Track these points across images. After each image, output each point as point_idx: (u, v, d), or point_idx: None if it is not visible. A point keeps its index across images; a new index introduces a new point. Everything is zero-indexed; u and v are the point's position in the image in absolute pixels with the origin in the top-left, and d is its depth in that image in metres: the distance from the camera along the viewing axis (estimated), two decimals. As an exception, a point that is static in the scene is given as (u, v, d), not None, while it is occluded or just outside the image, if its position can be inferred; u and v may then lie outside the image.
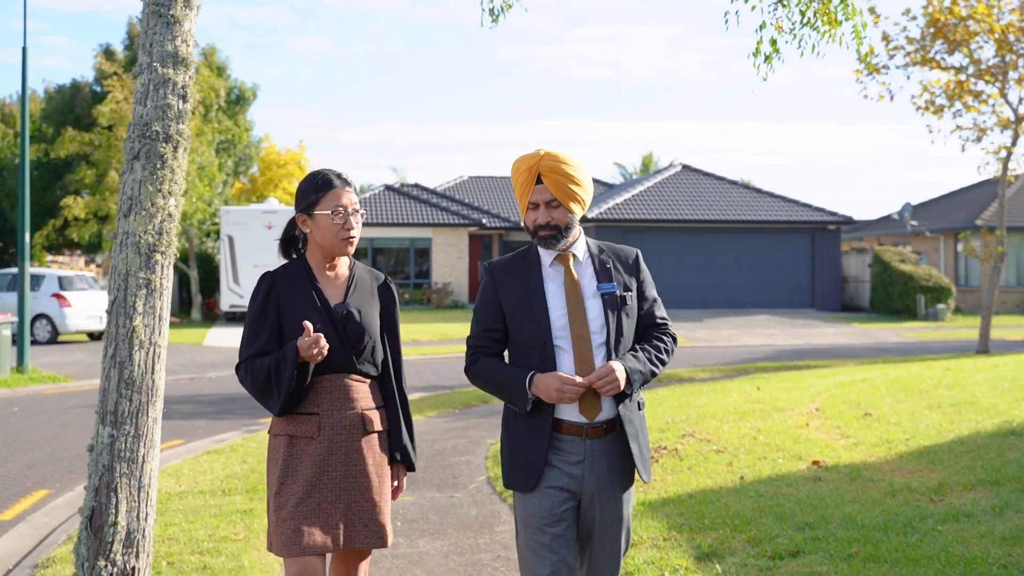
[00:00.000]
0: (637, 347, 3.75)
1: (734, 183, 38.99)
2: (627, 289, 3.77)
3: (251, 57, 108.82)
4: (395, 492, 4.04)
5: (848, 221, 36.75)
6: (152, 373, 4.87)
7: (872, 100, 23.55)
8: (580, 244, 3.83)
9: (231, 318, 33.32)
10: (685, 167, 40.20)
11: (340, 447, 3.85)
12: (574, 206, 3.73)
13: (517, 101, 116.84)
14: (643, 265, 3.88)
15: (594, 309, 3.70)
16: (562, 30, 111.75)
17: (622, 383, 3.58)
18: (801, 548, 6.04)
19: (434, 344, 25.51)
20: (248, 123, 41.80)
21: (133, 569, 4.83)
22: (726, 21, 6.89)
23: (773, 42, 6.80)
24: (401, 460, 4.04)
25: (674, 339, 3.86)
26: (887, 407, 10.62)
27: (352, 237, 3.89)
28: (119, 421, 4.80)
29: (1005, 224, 21.90)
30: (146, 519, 4.88)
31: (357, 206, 3.92)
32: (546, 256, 3.79)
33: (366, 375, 3.96)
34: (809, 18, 6.56)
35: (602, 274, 3.77)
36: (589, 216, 35.62)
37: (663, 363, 3.76)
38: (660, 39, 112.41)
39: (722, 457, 8.75)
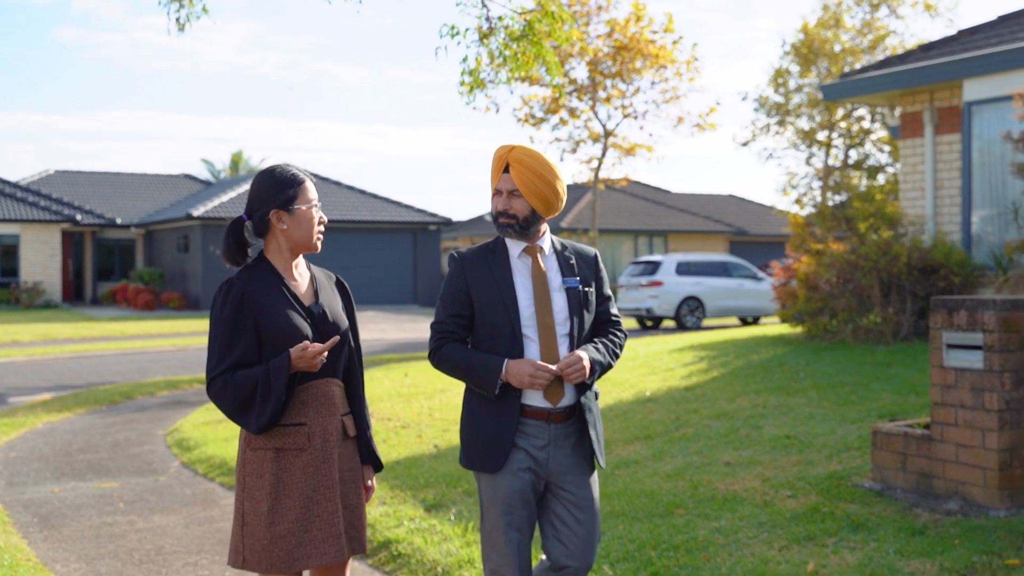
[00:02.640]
0: (596, 340, 3.96)
1: (339, 184, 40.18)
2: (587, 285, 3.96)
3: None
4: (368, 492, 3.94)
5: (448, 222, 39.07)
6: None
7: (480, 111, 25.72)
8: (546, 240, 3.99)
9: None
10: (290, 167, 40.83)
11: (329, 455, 3.69)
12: (535, 201, 3.85)
13: (82, 90, 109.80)
14: (601, 265, 4.08)
15: (559, 302, 3.88)
16: (129, 17, 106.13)
17: (587, 371, 3.78)
18: (510, 495, 7.23)
19: (38, 345, 24.55)
20: None
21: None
22: (436, 53, 7.96)
23: (474, 72, 7.95)
24: (371, 461, 3.93)
25: (626, 335, 4.08)
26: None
27: (323, 231, 3.81)
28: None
29: (597, 227, 24.54)
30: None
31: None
32: (514, 248, 3.93)
33: (338, 378, 3.82)
34: (507, 56, 7.78)
35: (566, 269, 3.94)
36: (194, 214, 35.38)
37: (617, 356, 4.00)
38: (238, 34, 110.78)
39: (410, 431, 9.83)
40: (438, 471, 8.09)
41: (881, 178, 35.76)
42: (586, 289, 3.94)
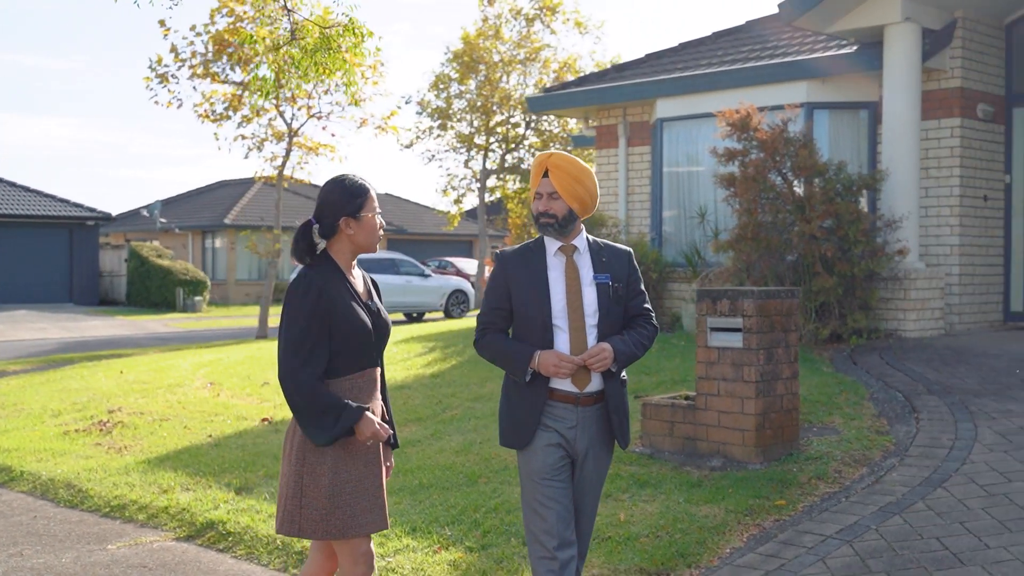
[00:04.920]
0: (624, 332, 4.27)
1: (-17, 175, 37.65)
2: (618, 281, 4.25)
3: None
4: (388, 471, 4.32)
5: (107, 218, 37.60)
6: None
7: (162, 106, 25.32)
8: (581, 239, 4.30)
9: None
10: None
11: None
12: (573, 202, 4.20)
13: None
14: (635, 263, 4.39)
15: (589, 296, 4.20)
16: None
17: (610, 361, 4.12)
18: (314, 475, 7.73)
19: None
20: None
21: None
22: (238, 58, 8.26)
23: (274, 79, 8.39)
24: (391, 442, 4.36)
25: (656, 328, 4.39)
26: (276, 377, 12.48)
27: (382, 234, 4.18)
28: None
29: (281, 224, 24.71)
30: None
31: None
32: (551, 246, 4.26)
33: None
34: (306, 66, 8.29)
35: (598, 266, 4.25)
36: None
37: (645, 348, 4.31)
38: None
39: (173, 423, 9.99)
40: (227, 458, 8.41)
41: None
42: (616, 284, 4.25)
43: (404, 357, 13.10)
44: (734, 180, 11.10)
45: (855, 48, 12.43)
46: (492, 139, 38.93)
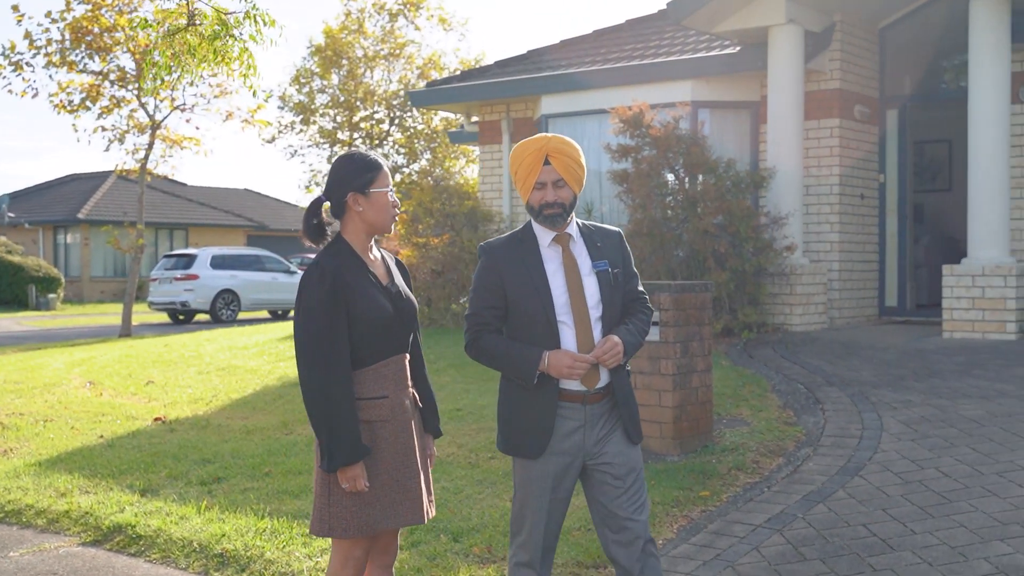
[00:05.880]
0: (626, 320, 4.01)
1: None
2: (615, 266, 3.99)
3: None
4: (431, 459, 4.18)
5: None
6: None
7: (16, 95, 24.10)
8: (573, 226, 4.01)
9: None
10: None
11: (407, 425, 3.92)
12: (576, 186, 3.95)
13: None
14: (626, 244, 4.13)
15: (591, 286, 3.92)
16: None
17: (622, 355, 3.85)
18: (221, 475, 7.50)
19: None
20: None
21: None
22: (130, 41, 7.92)
23: (168, 66, 8.09)
24: (431, 429, 4.19)
25: (652, 310, 4.14)
26: (161, 376, 12.09)
27: (397, 214, 3.99)
28: None
29: (144, 219, 23.93)
30: None
31: None
32: (543, 237, 3.97)
33: (409, 353, 4.04)
34: (203, 55, 8.00)
35: (594, 252, 3.98)
36: None
37: (645, 333, 4.05)
38: None
39: (59, 424, 9.56)
40: (123, 459, 8.10)
41: (398, 176, 37.97)
42: (615, 271, 3.99)
43: (290, 355, 12.83)
44: (627, 176, 11.23)
45: (739, 49, 12.72)
46: (356, 135, 38.62)
